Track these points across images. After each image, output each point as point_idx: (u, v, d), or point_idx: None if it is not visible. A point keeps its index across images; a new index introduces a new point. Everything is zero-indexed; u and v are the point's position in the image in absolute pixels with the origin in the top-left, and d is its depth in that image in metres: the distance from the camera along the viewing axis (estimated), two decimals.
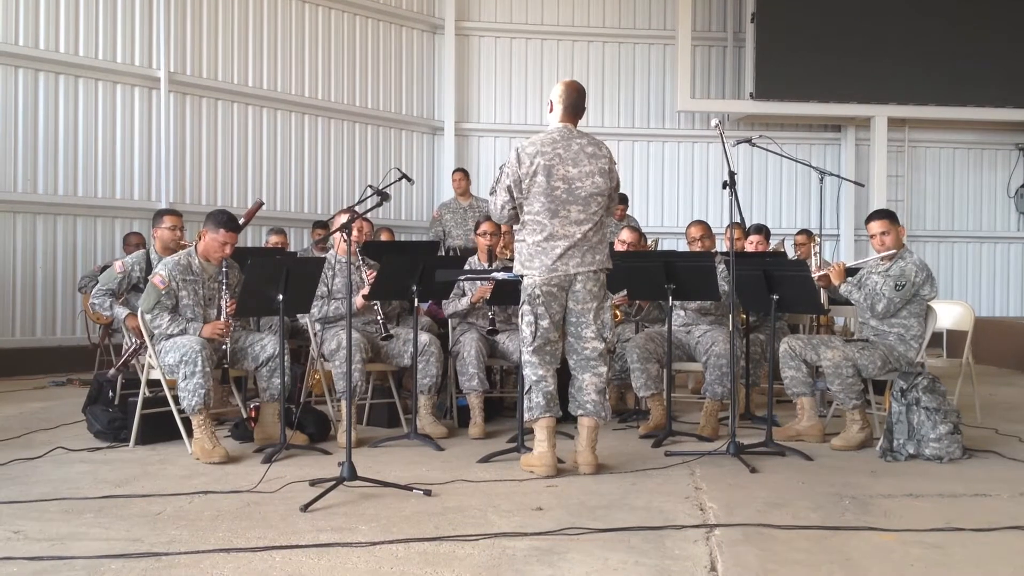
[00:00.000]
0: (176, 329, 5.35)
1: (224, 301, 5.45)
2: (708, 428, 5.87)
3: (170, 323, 5.35)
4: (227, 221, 5.49)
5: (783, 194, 13.09)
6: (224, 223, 5.47)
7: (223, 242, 5.46)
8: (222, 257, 5.49)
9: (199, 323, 5.39)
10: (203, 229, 5.51)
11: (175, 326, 5.35)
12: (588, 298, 4.79)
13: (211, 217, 5.54)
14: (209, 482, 4.57)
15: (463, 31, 12.50)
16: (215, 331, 5.36)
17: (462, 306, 6.22)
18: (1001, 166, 13.46)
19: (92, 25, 9.32)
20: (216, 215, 5.55)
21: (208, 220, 5.51)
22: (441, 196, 11.78)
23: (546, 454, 4.73)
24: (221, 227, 5.45)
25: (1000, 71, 12.55)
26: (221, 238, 5.45)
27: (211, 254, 5.49)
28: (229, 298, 5.43)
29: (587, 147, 4.82)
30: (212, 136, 10.31)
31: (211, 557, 3.39)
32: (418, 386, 5.79)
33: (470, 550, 3.49)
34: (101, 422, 5.60)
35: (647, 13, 12.96)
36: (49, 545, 3.52)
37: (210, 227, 5.47)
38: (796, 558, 3.43)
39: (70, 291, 9.16)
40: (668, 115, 12.95)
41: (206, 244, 5.48)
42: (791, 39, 12.40)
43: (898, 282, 5.54)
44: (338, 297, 5.93)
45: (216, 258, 5.50)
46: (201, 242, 5.52)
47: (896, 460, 5.15)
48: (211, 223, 5.48)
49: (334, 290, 5.95)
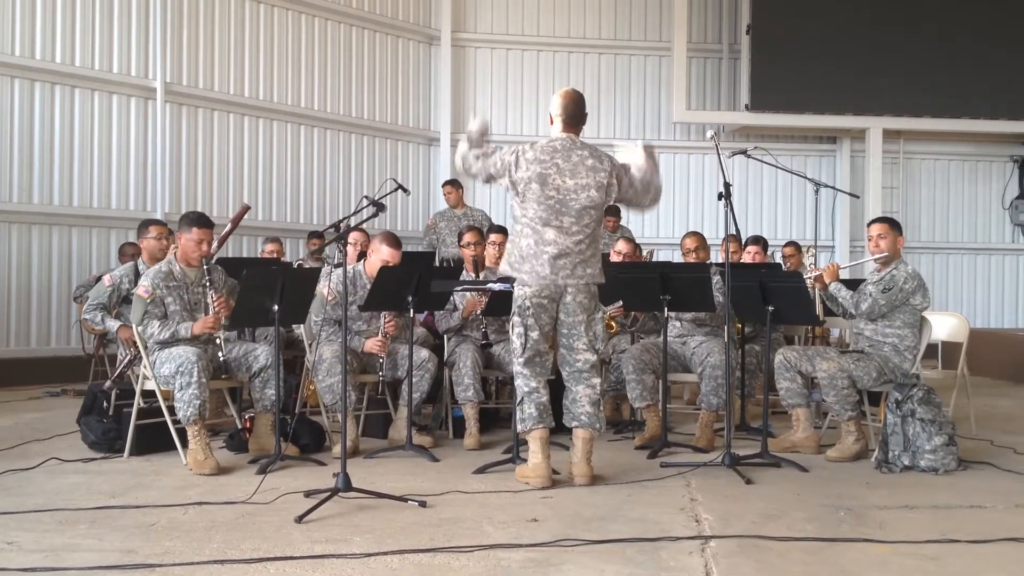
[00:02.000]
0: (167, 332, 5.32)
1: (211, 298, 5.43)
2: (703, 439, 5.87)
3: (160, 328, 5.33)
4: (198, 219, 5.51)
5: (778, 205, 13.12)
6: (195, 221, 5.48)
7: (198, 240, 5.44)
8: (200, 256, 5.45)
9: (189, 323, 5.38)
10: (178, 234, 5.53)
11: (166, 330, 5.33)
12: (579, 310, 4.79)
13: (182, 219, 5.56)
14: (204, 493, 4.55)
15: (459, 42, 12.53)
16: (206, 326, 5.35)
17: (454, 322, 6.22)
18: (996, 178, 13.51)
19: (88, 35, 9.33)
20: (186, 216, 5.59)
21: (180, 224, 5.54)
22: (436, 207, 11.79)
23: (540, 465, 4.72)
24: (193, 225, 5.44)
25: (995, 83, 12.60)
26: (195, 236, 5.44)
27: (190, 255, 5.48)
28: (216, 295, 5.42)
29: (587, 159, 4.81)
30: (208, 146, 10.32)
31: (205, 568, 3.38)
32: (405, 399, 5.77)
33: (465, 561, 3.48)
34: (96, 433, 5.59)
35: (643, 25, 13.01)
36: (43, 556, 3.50)
37: (183, 229, 5.47)
38: (791, 570, 3.43)
39: (65, 301, 9.14)
40: (664, 126, 12.98)
41: (183, 246, 5.48)
42: (786, 51, 12.45)
43: (886, 285, 5.56)
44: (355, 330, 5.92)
45: (195, 258, 5.47)
46: (179, 248, 5.52)
47: (891, 471, 5.15)
48: (184, 224, 5.49)
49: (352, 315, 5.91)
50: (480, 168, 4.87)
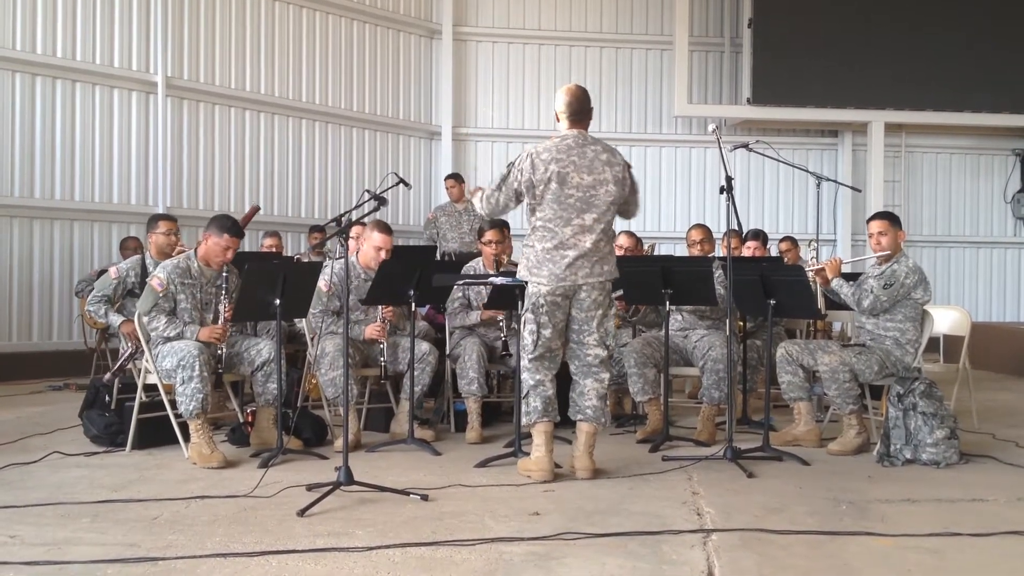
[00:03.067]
0: (173, 332, 5.34)
1: (223, 306, 5.44)
2: (705, 433, 5.87)
3: (167, 325, 5.34)
4: (231, 227, 5.49)
5: (780, 199, 13.10)
6: (228, 228, 5.46)
7: (225, 247, 5.46)
8: (223, 262, 5.50)
9: (196, 327, 5.38)
10: (206, 233, 5.52)
11: (172, 328, 5.34)
12: (593, 307, 4.78)
13: (215, 221, 5.53)
14: (206, 487, 4.56)
15: (461, 36, 12.51)
16: (212, 335, 5.36)
17: (471, 320, 6.20)
18: (998, 171, 13.49)
19: (89, 29, 9.32)
20: (220, 220, 5.55)
21: (211, 224, 5.51)
22: (438, 201, 11.78)
23: (544, 459, 4.73)
24: (225, 232, 5.44)
25: (997, 77, 12.56)
26: (224, 243, 5.45)
27: (212, 259, 5.49)
28: (228, 303, 5.43)
29: (602, 154, 4.80)
30: (209, 140, 10.31)
31: (208, 562, 3.38)
32: (407, 392, 5.77)
33: (467, 555, 3.48)
34: (98, 426, 5.59)
35: (644, 18, 12.98)
36: (45, 550, 3.51)
37: (213, 231, 5.46)
38: (793, 563, 3.43)
39: (67, 295, 9.14)
40: (665, 120, 12.96)
41: (208, 248, 5.48)
42: (788, 44, 12.42)
43: (887, 281, 5.56)
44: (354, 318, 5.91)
45: (217, 263, 5.50)
46: (202, 246, 5.52)
47: (893, 465, 5.15)
48: (215, 227, 5.48)
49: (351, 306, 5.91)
50: (507, 197, 4.84)
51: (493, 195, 4.89)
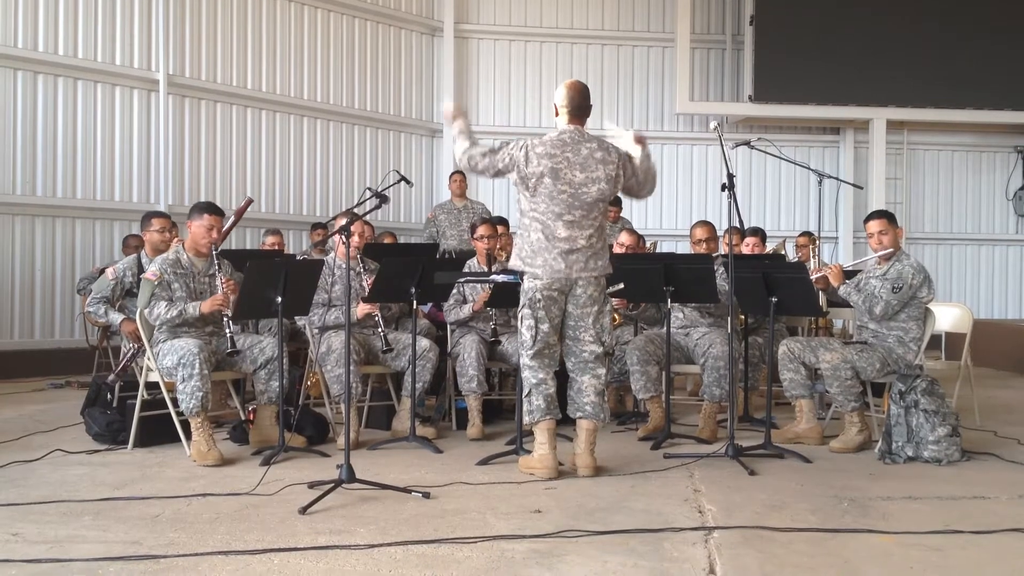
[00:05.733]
0: (175, 311, 5.34)
1: (219, 280, 5.44)
2: (707, 430, 5.87)
3: (168, 308, 5.35)
4: (208, 206, 5.61)
5: (782, 196, 13.10)
6: (205, 208, 5.57)
7: (209, 227, 5.51)
8: (210, 243, 5.51)
9: (197, 302, 5.40)
10: (188, 223, 5.58)
11: (173, 309, 5.35)
12: (588, 302, 4.79)
13: (193, 208, 5.64)
14: (207, 485, 4.56)
15: (462, 33, 12.51)
16: (215, 303, 5.36)
17: (464, 314, 6.21)
18: (1000, 168, 13.48)
19: (91, 27, 9.33)
20: (197, 205, 5.67)
21: (191, 212, 5.61)
22: (440, 198, 11.78)
23: (547, 456, 4.73)
24: (204, 212, 5.53)
25: (999, 74, 12.56)
26: (207, 223, 5.50)
27: (199, 242, 5.52)
28: (224, 278, 5.44)
29: (596, 152, 4.80)
30: (211, 138, 10.32)
31: (209, 560, 3.38)
32: (408, 390, 5.77)
33: (468, 553, 3.48)
34: (99, 424, 5.59)
35: (646, 16, 12.98)
36: (47, 548, 3.51)
37: (194, 216, 5.54)
38: (795, 560, 3.43)
39: (69, 293, 9.15)
40: (667, 117, 12.96)
41: (193, 234, 5.54)
42: (790, 41, 12.42)
43: (895, 285, 5.55)
44: (337, 304, 5.90)
45: (204, 245, 5.51)
46: (188, 235, 5.54)
47: (895, 462, 5.15)
48: (194, 212, 5.57)
49: (334, 297, 5.92)
50: (487, 164, 4.86)
51: (476, 155, 4.88)
